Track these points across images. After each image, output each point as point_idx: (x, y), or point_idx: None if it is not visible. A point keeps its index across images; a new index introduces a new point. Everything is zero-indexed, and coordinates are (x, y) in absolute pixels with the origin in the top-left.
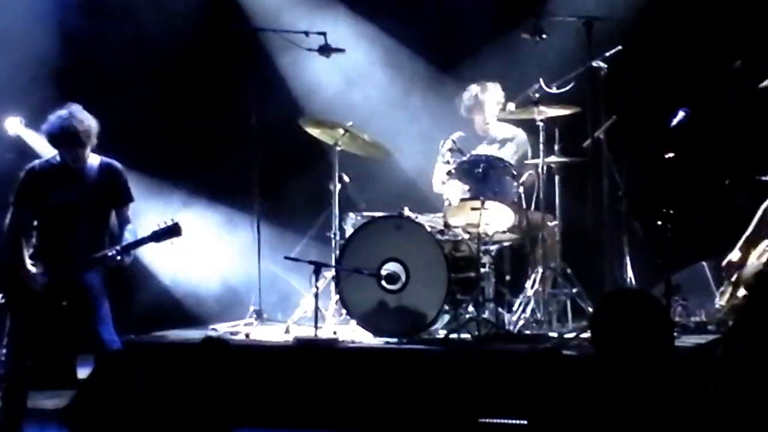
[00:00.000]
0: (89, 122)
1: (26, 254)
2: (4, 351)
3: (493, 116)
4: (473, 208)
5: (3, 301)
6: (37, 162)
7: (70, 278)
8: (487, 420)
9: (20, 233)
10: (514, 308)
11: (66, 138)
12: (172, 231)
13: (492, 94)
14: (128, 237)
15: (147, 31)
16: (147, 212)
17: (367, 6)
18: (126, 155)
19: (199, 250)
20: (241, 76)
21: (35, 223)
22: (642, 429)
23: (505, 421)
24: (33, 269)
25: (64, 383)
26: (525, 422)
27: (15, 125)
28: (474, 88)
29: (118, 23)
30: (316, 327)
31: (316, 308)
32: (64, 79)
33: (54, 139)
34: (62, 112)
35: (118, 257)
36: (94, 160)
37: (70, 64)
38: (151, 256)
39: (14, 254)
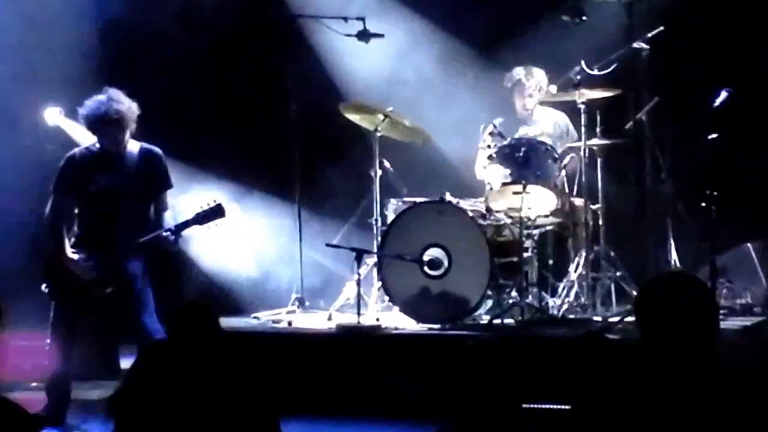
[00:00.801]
0: (128, 105)
1: (68, 242)
2: (48, 341)
3: (535, 100)
4: (515, 192)
5: (46, 290)
6: (76, 149)
7: (113, 266)
8: (530, 405)
9: (61, 221)
10: (558, 292)
11: (104, 121)
12: (215, 212)
13: (536, 78)
14: (168, 222)
15: (185, 20)
16: (187, 199)
17: None
18: (166, 142)
19: (240, 238)
20: (280, 63)
21: (76, 210)
22: (687, 412)
23: (549, 406)
24: (76, 256)
25: (108, 373)
26: (569, 407)
27: (54, 116)
28: (518, 72)
29: (157, 12)
30: (358, 314)
31: (359, 295)
32: (103, 69)
33: (92, 122)
34: (100, 96)
35: (172, 237)
36: (133, 146)
37: (110, 53)
38: (194, 243)
39: (56, 242)
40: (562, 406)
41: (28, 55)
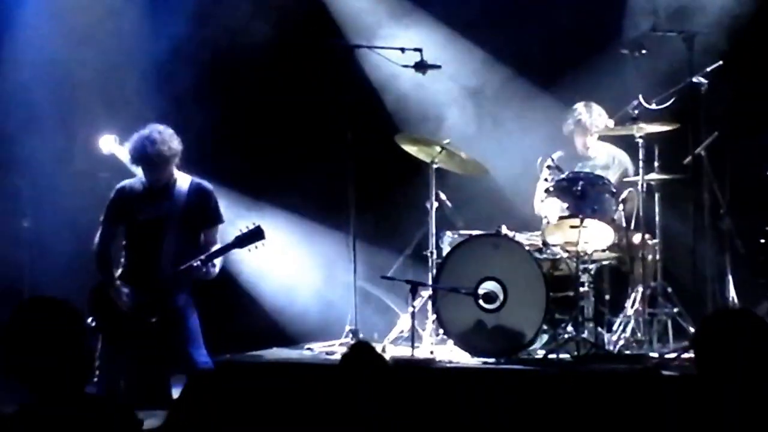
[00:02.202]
0: (169, 144)
1: (115, 273)
2: (97, 372)
3: (595, 138)
4: (572, 226)
5: (93, 322)
6: (127, 181)
7: (159, 296)
8: None
9: (109, 251)
10: (614, 328)
11: (147, 159)
12: (255, 235)
13: (596, 117)
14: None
15: (241, 47)
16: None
17: (465, 23)
18: (219, 171)
19: (294, 269)
20: (336, 93)
21: (124, 242)
22: None
23: None
24: (122, 288)
25: (159, 402)
26: None
27: (109, 143)
28: (580, 110)
29: (213, 41)
30: (412, 347)
31: (413, 328)
32: (157, 96)
33: (136, 160)
34: (144, 133)
35: (203, 268)
36: (183, 179)
37: (164, 81)
38: (246, 275)
39: (103, 273)
40: None
41: (85, 81)
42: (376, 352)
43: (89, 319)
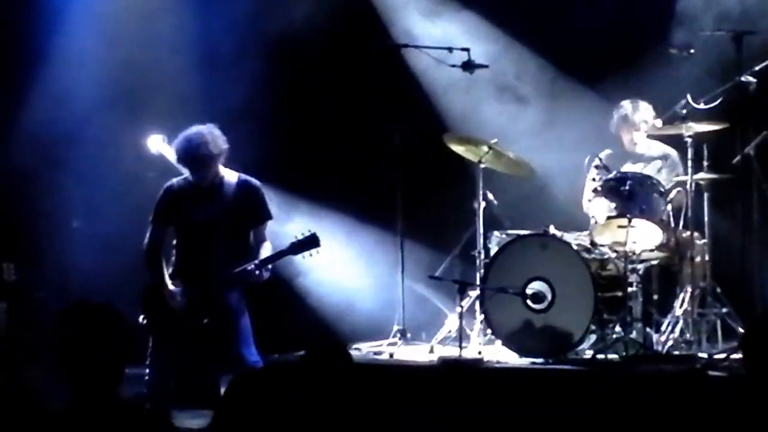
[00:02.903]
0: (214, 143)
1: (166, 273)
2: (147, 371)
3: (643, 135)
4: (620, 226)
5: (144, 322)
6: (174, 180)
7: (210, 296)
8: None
9: (159, 252)
10: (663, 328)
11: (192, 159)
12: (310, 242)
13: (643, 113)
14: (263, 255)
15: (288, 50)
16: (289, 231)
17: (513, 22)
18: (268, 173)
19: (342, 269)
20: (383, 94)
21: (174, 241)
22: None
23: None
24: (173, 288)
25: (208, 402)
26: None
27: (157, 143)
28: (626, 107)
29: (260, 42)
30: (460, 347)
31: (461, 328)
32: (205, 98)
33: (181, 160)
34: (188, 133)
35: (257, 272)
36: (231, 176)
37: (212, 82)
38: (296, 275)
39: (154, 274)
40: None
41: (134, 81)
42: (341, 352)
43: (140, 318)
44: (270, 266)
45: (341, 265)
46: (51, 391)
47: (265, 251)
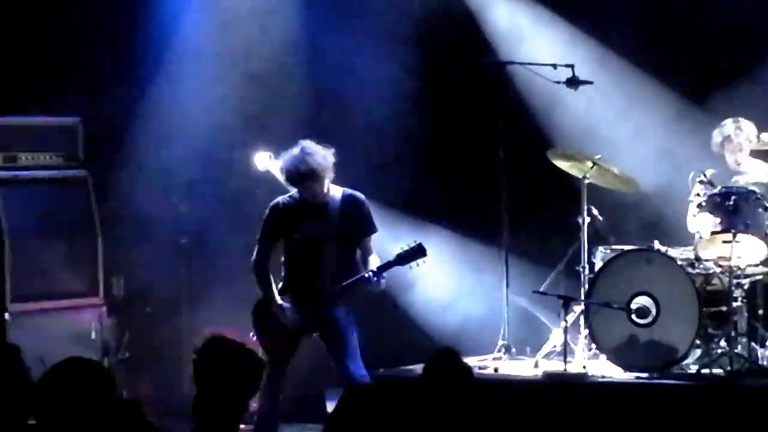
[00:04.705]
0: (322, 157)
1: (276, 288)
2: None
3: (746, 153)
4: (725, 241)
5: (254, 337)
6: (280, 198)
7: (319, 312)
8: None
9: (268, 268)
10: None
11: (301, 176)
12: (416, 252)
13: (746, 132)
14: (375, 265)
15: (393, 64)
16: (394, 245)
17: (617, 39)
18: (372, 187)
19: (447, 284)
20: (490, 109)
21: (282, 258)
22: None
23: None
24: (284, 304)
25: (314, 417)
26: None
27: (264, 160)
28: (728, 127)
29: (366, 59)
30: (565, 361)
31: (566, 342)
32: (312, 113)
33: (290, 178)
34: (295, 151)
35: (374, 278)
36: (336, 191)
37: (317, 99)
38: (399, 288)
39: (264, 289)
40: None
41: (243, 98)
42: (462, 362)
43: (251, 334)
44: (385, 275)
45: (446, 280)
46: (160, 406)
47: (374, 263)
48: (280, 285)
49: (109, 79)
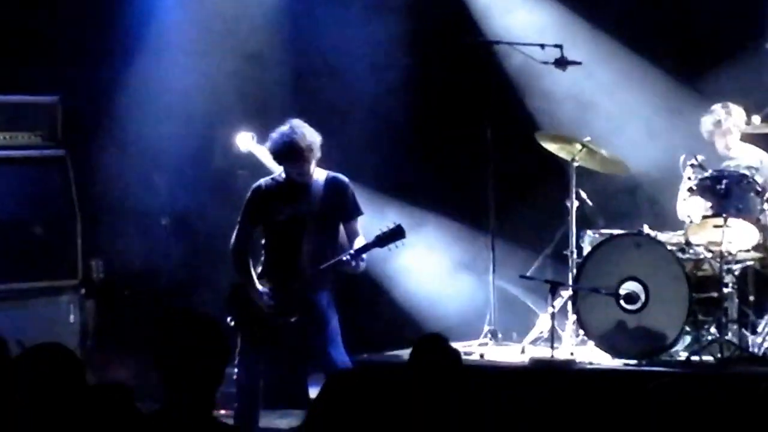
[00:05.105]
0: (311, 137)
1: (254, 273)
2: (236, 370)
3: (736, 137)
4: (716, 226)
5: (231, 322)
6: (262, 180)
7: (299, 295)
8: None
9: (247, 252)
10: (759, 330)
11: (289, 154)
12: (395, 234)
13: (735, 117)
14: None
15: (379, 43)
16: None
17: (606, 19)
18: (358, 169)
19: (432, 268)
20: (475, 91)
21: (263, 241)
22: None
23: None
24: (262, 288)
25: (296, 402)
26: None
27: (247, 141)
28: (718, 113)
29: (353, 40)
30: (552, 348)
31: (553, 328)
32: (296, 92)
33: (278, 155)
34: (284, 129)
35: (353, 262)
36: (319, 174)
37: (304, 80)
38: (384, 273)
39: (242, 273)
40: None
41: (226, 78)
42: (451, 348)
43: (228, 319)
44: (364, 257)
45: (431, 263)
46: (142, 390)
47: (359, 245)
48: (259, 269)
49: (89, 56)
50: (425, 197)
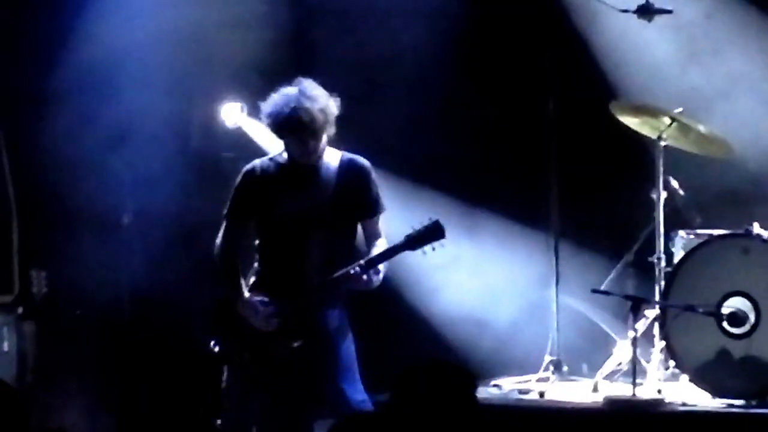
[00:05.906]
0: (325, 103)
1: (245, 283)
2: (221, 416)
3: None
4: None
5: (216, 348)
6: (257, 162)
7: (305, 314)
8: None
9: (237, 257)
10: None
11: (292, 125)
12: (431, 233)
13: None
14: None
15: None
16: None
17: None
18: (379, 151)
19: (477, 280)
20: (535, 49)
21: (257, 241)
22: None
23: None
24: (256, 302)
25: None
26: None
27: (235, 114)
28: None
29: None
30: (634, 384)
31: (634, 358)
32: (300, 54)
33: (277, 126)
34: (290, 90)
35: (364, 276)
36: (332, 156)
37: (311, 34)
38: (414, 285)
39: (229, 284)
40: None
41: (203, 36)
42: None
43: (211, 343)
44: (381, 267)
45: (475, 274)
46: None
47: (378, 250)
48: (252, 279)
49: (24, 10)
50: (469, 188)
